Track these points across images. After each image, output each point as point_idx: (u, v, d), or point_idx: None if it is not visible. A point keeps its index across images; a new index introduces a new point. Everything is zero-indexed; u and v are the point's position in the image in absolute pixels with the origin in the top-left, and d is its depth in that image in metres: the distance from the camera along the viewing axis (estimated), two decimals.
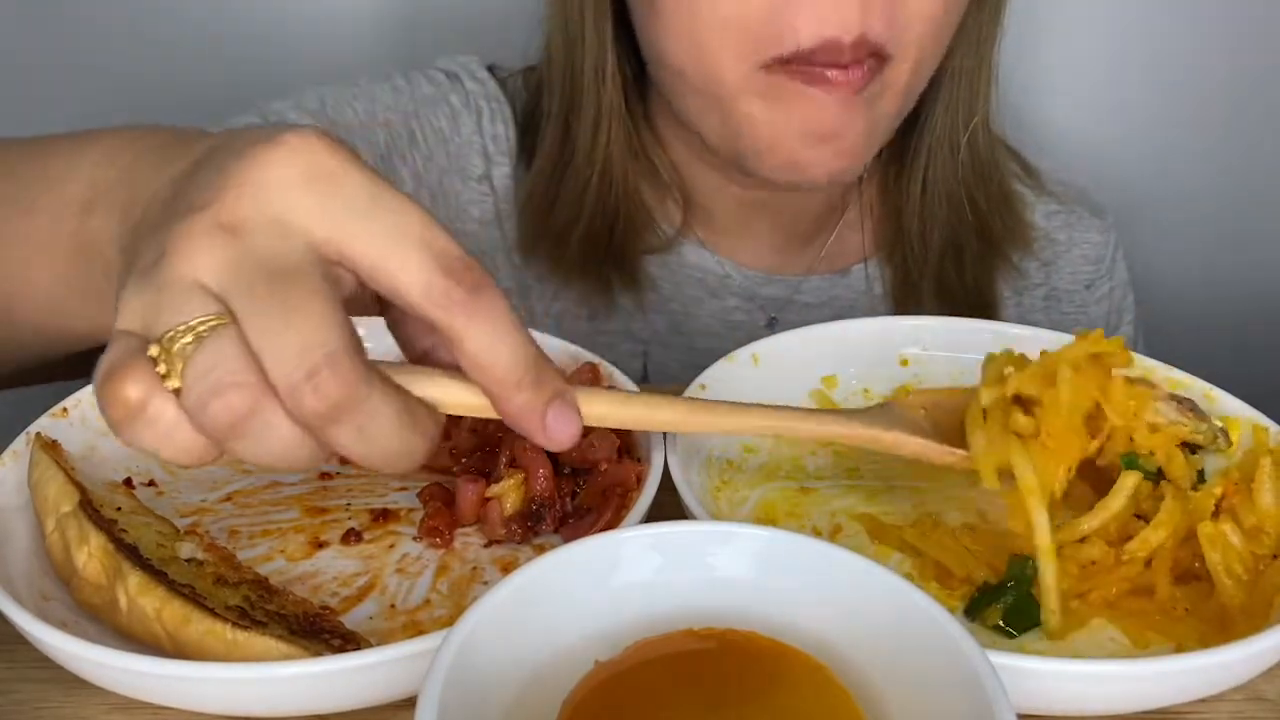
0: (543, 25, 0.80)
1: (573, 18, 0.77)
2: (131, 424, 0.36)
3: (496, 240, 0.83)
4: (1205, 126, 1.18)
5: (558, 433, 0.42)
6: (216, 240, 0.37)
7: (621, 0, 0.76)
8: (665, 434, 0.53)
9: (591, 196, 0.79)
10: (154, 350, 0.36)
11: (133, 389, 0.36)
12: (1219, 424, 0.57)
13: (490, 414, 0.42)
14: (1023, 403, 0.53)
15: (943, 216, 0.84)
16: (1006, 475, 0.51)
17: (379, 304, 0.43)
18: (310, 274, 0.37)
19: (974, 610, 0.50)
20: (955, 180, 0.84)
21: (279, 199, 0.38)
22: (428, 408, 0.40)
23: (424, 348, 0.44)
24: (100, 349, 0.37)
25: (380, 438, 0.38)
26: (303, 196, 0.38)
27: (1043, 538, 0.49)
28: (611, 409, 0.46)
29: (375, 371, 0.38)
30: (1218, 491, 0.52)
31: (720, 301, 0.86)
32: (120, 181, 0.46)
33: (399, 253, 0.38)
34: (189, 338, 0.36)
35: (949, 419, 0.55)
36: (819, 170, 0.71)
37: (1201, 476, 0.55)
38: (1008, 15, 0.80)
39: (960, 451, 0.53)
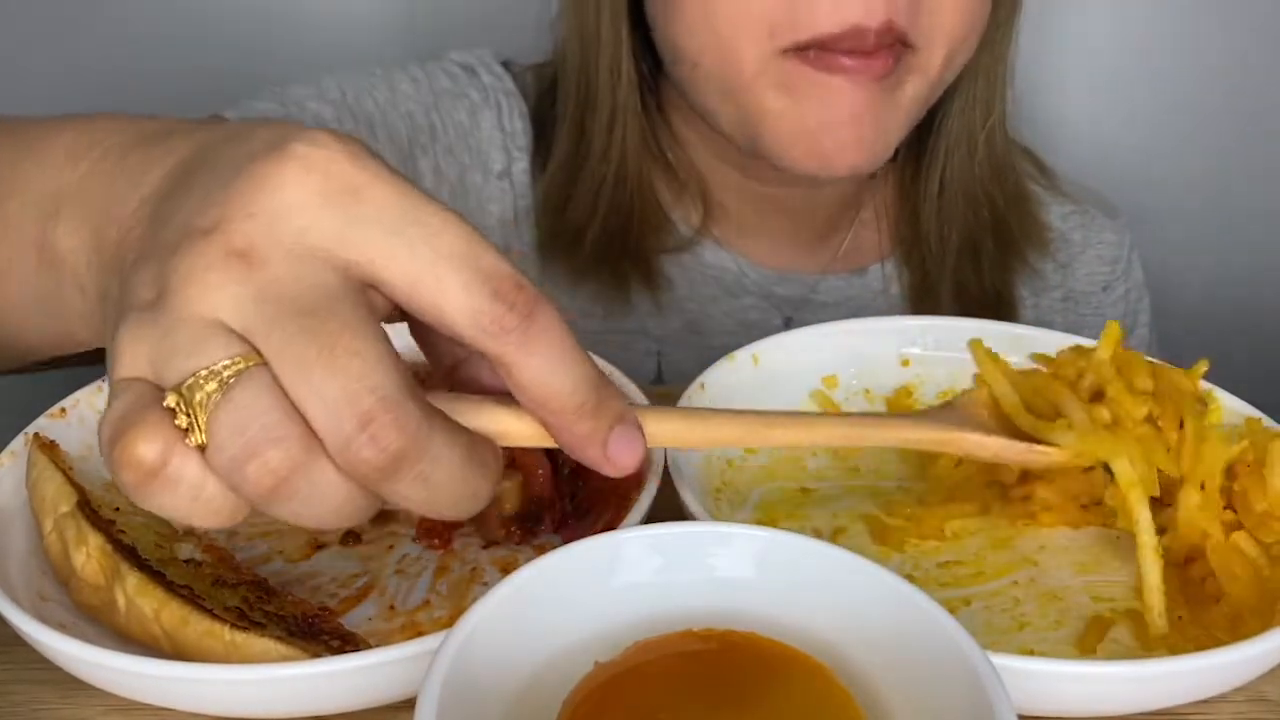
0: (554, 25, 0.80)
1: (588, 18, 0.77)
2: (148, 487, 0.32)
3: (514, 236, 0.83)
4: (1215, 130, 1.18)
5: (621, 459, 0.38)
6: (232, 271, 0.33)
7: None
8: None
9: (606, 195, 0.79)
10: (171, 400, 0.32)
11: (147, 448, 0.31)
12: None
13: (548, 443, 0.39)
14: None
15: (960, 216, 0.84)
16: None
17: (404, 315, 0.38)
18: (346, 304, 0.33)
19: None
20: (973, 179, 0.83)
21: (296, 222, 0.33)
22: (487, 441, 0.36)
23: (456, 359, 0.41)
24: (59, 360, 0.34)
25: (446, 484, 0.34)
26: (323, 216, 0.34)
27: (1147, 535, 0.48)
28: (674, 428, 0.42)
29: (433, 410, 0.34)
30: (1235, 450, 0.51)
31: (736, 300, 0.86)
32: (85, 189, 0.41)
33: (441, 274, 0.34)
34: (213, 385, 0.32)
35: (1004, 418, 0.53)
36: (840, 160, 0.70)
37: None
38: (1021, 14, 0.80)
39: (1046, 449, 0.50)
